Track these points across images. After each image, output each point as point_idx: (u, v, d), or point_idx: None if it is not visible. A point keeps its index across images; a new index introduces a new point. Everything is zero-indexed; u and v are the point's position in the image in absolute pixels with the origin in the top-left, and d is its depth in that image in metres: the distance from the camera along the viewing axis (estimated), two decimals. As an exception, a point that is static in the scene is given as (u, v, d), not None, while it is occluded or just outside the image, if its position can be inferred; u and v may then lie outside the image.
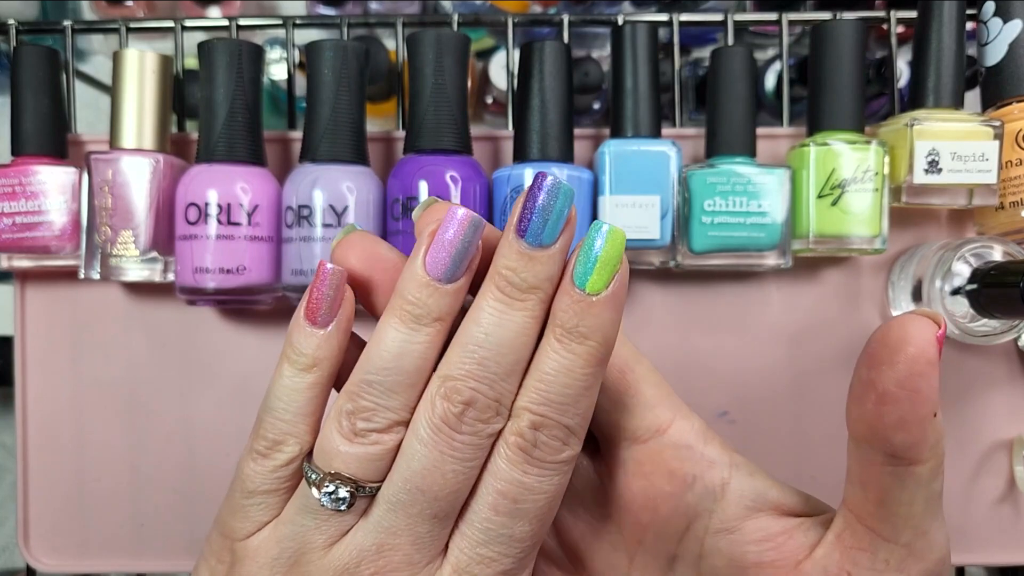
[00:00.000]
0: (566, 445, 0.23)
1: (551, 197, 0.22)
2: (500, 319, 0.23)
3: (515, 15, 0.49)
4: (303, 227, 0.43)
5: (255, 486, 0.24)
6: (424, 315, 0.23)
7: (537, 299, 0.23)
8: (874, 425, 0.22)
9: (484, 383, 0.22)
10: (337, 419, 0.23)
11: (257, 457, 0.24)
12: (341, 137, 0.43)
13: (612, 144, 0.44)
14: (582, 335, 0.22)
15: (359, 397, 0.23)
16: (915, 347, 0.21)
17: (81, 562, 0.49)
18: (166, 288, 0.49)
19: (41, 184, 0.45)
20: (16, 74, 0.45)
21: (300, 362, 0.24)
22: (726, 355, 0.49)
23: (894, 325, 0.21)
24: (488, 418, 0.23)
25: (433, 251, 0.23)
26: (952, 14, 0.44)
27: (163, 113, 0.46)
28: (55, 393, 0.49)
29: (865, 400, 0.22)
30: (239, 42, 0.44)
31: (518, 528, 0.23)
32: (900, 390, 0.21)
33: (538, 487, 0.23)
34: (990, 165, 0.43)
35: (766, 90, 0.74)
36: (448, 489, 0.23)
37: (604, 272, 0.22)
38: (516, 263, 0.22)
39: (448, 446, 0.23)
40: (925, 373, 0.21)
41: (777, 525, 0.25)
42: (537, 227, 0.22)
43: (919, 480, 0.22)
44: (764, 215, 0.44)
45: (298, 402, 0.24)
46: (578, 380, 0.23)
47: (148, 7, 0.85)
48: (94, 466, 0.49)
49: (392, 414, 0.23)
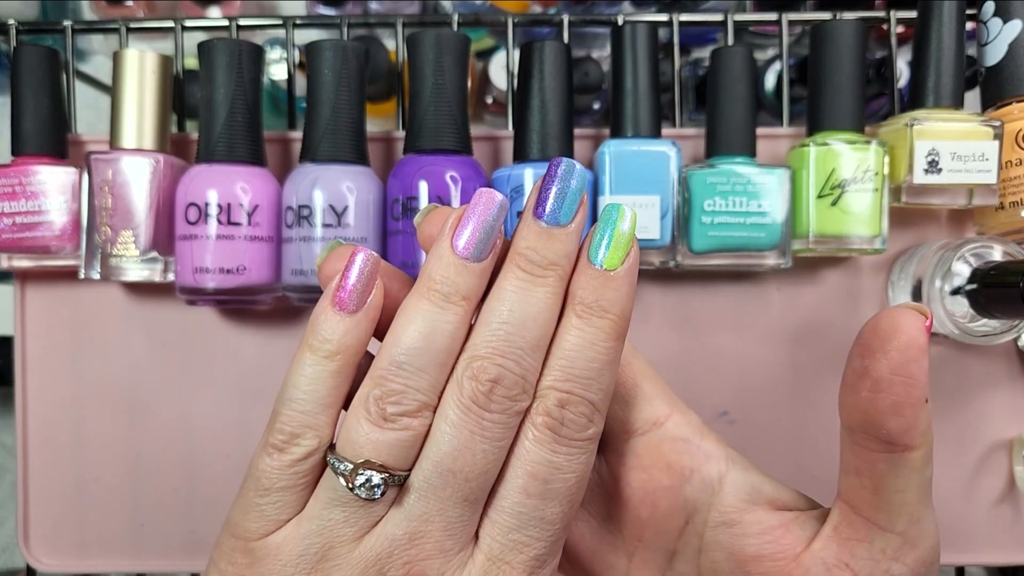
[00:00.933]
0: (591, 422, 0.23)
1: (567, 179, 0.24)
2: (523, 295, 0.23)
3: (515, 15, 0.49)
4: (303, 227, 0.43)
5: (271, 483, 0.24)
6: (453, 293, 0.23)
7: (556, 275, 0.23)
8: (869, 412, 0.23)
9: (511, 359, 0.23)
10: (364, 406, 0.23)
11: (273, 452, 0.24)
12: (341, 137, 0.43)
13: (612, 144, 0.44)
14: (603, 308, 0.23)
15: (387, 380, 0.23)
16: (906, 335, 0.22)
17: (81, 562, 0.49)
18: (166, 288, 0.49)
19: (41, 184, 0.45)
20: (16, 74, 0.45)
21: (324, 349, 0.23)
22: (726, 355, 0.49)
23: (884, 316, 0.22)
24: (516, 395, 0.23)
25: (460, 230, 0.24)
26: (952, 14, 0.44)
27: (163, 113, 0.46)
28: (55, 393, 0.49)
29: (859, 388, 0.23)
30: (239, 42, 0.44)
31: (549, 510, 0.23)
32: (894, 376, 0.22)
33: (567, 466, 0.23)
34: (990, 165, 0.43)
35: (766, 90, 0.74)
36: (479, 469, 0.23)
37: (619, 249, 0.24)
38: (536, 242, 0.23)
39: (478, 425, 0.23)
40: (917, 359, 0.22)
41: (774, 519, 0.26)
42: (555, 207, 0.23)
43: (913, 466, 0.23)
44: (764, 215, 0.44)
45: (319, 392, 0.24)
46: (601, 354, 0.23)
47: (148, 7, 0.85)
48: (94, 466, 0.49)
49: (422, 395, 0.23)
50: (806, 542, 0.25)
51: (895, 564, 0.24)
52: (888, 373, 0.22)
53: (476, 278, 0.23)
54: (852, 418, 0.23)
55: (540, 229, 0.23)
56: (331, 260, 0.25)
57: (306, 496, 0.24)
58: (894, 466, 0.23)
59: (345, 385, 0.24)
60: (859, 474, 0.24)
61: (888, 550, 0.24)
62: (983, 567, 0.67)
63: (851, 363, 0.23)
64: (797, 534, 0.25)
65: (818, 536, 0.25)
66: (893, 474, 0.23)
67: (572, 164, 0.24)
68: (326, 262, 0.25)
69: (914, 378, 0.22)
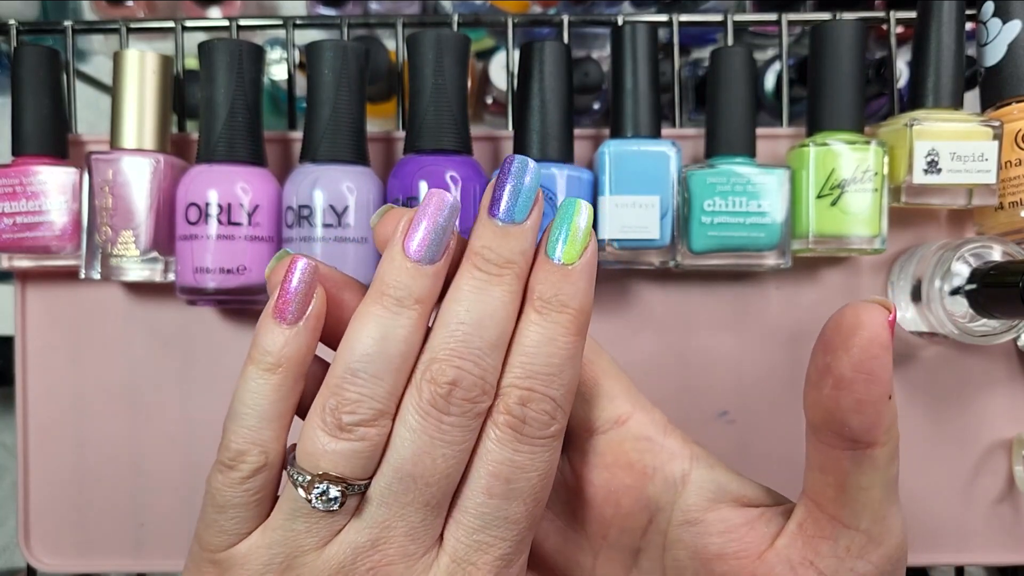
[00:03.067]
0: (554, 419, 0.23)
1: (520, 176, 0.24)
2: (480, 295, 0.23)
3: (515, 15, 0.49)
4: (303, 227, 0.43)
5: (225, 500, 0.24)
6: (406, 297, 0.23)
7: (513, 273, 0.23)
8: (831, 409, 0.22)
9: (469, 360, 0.23)
10: (320, 416, 0.23)
11: (223, 469, 0.24)
12: (341, 137, 0.43)
13: (612, 144, 0.44)
14: (561, 303, 0.23)
15: (342, 389, 0.23)
16: (868, 332, 0.21)
17: (81, 562, 0.49)
18: (166, 288, 0.49)
19: (42, 184, 0.45)
20: (17, 74, 0.45)
21: (265, 362, 0.23)
22: (726, 355, 0.49)
23: (847, 312, 0.22)
24: (475, 397, 0.23)
25: (412, 234, 0.23)
26: (951, 14, 0.44)
27: (163, 113, 0.46)
28: (56, 393, 0.49)
29: (822, 385, 0.23)
30: (239, 42, 0.44)
31: (513, 509, 0.23)
32: (856, 373, 0.22)
33: (530, 464, 0.23)
34: (989, 165, 0.43)
35: (766, 90, 0.74)
36: (439, 474, 0.23)
37: (577, 243, 0.23)
38: (491, 240, 0.23)
39: (437, 429, 0.23)
40: (879, 356, 0.21)
41: (739, 516, 0.26)
42: (509, 205, 0.23)
43: (876, 464, 0.23)
44: (764, 215, 0.44)
45: (262, 406, 0.23)
46: (561, 349, 0.23)
47: (148, 7, 0.85)
48: (94, 466, 0.49)
49: (378, 403, 0.23)
50: (770, 539, 0.25)
51: (860, 562, 0.24)
52: (850, 371, 0.22)
53: (429, 280, 0.23)
54: (815, 415, 0.23)
55: (495, 227, 0.23)
56: (278, 271, 0.24)
57: (265, 507, 0.24)
58: (858, 464, 0.23)
59: (291, 397, 0.24)
60: (823, 471, 0.24)
61: (853, 548, 0.24)
62: (983, 567, 0.67)
63: (814, 360, 0.23)
64: (761, 531, 0.25)
65: (782, 533, 0.25)
66: (857, 472, 0.23)
67: (525, 161, 0.24)
68: (273, 273, 0.25)
69: (876, 375, 0.22)
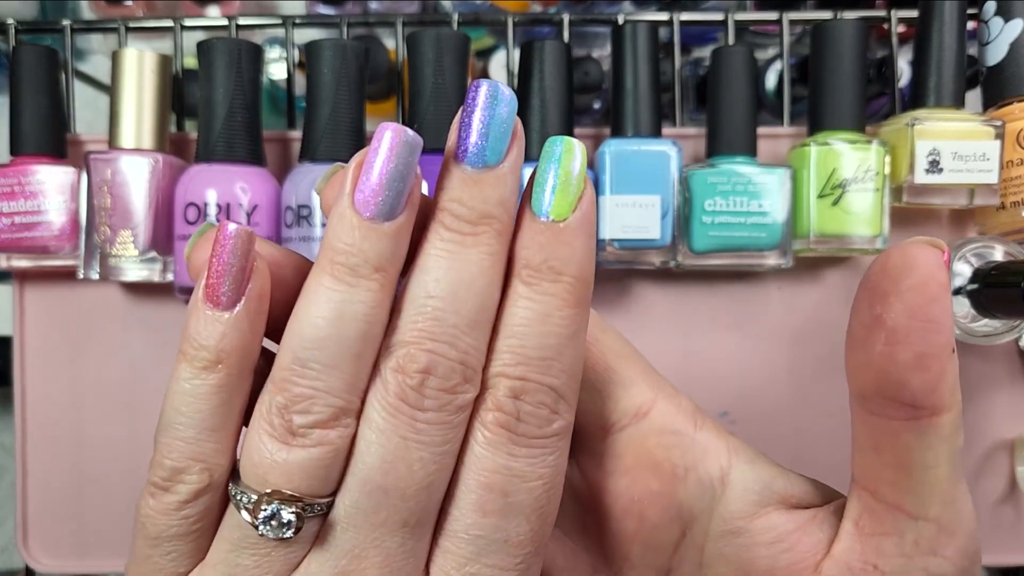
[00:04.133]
0: (556, 413, 0.19)
1: (491, 106, 0.18)
2: (451, 260, 0.18)
3: (515, 14, 0.49)
4: (302, 227, 0.43)
5: (158, 531, 0.19)
6: (361, 264, 0.18)
7: (493, 231, 0.19)
8: (886, 369, 0.18)
9: (443, 341, 0.18)
10: (266, 418, 0.18)
11: (156, 492, 0.19)
12: (341, 137, 0.43)
13: (612, 144, 0.44)
14: (554, 270, 0.19)
15: (290, 384, 0.18)
16: (923, 271, 0.17)
17: (80, 562, 0.49)
18: (165, 288, 0.49)
19: (40, 184, 0.45)
20: (15, 74, 0.45)
21: (200, 358, 0.18)
22: (727, 355, 0.49)
23: (894, 253, 0.18)
24: (454, 386, 0.18)
25: (362, 185, 0.18)
26: (953, 13, 0.44)
27: (162, 113, 0.45)
28: (54, 393, 0.49)
29: (872, 342, 0.18)
30: (238, 41, 0.44)
31: (514, 530, 0.19)
32: (913, 321, 0.17)
33: (530, 472, 0.19)
34: (991, 165, 0.43)
35: (767, 90, 0.74)
36: (417, 484, 0.18)
37: (567, 193, 0.19)
38: (460, 192, 0.19)
39: (410, 428, 0.18)
40: (939, 299, 0.17)
41: (788, 521, 0.21)
42: (479, 144, 0.18)
43: (941, 433, 0.18)
44: (765, 215, 0.44)
45: (201, 412, 0.19)
46: (558, 327, 0.19)
47: (147, 6, 0.85)
48: (93, 466, 0.49)
49: (335, 399, 0.18)
50: (826, 545, 0.21)
51: (933, 559, 0.19)
52: (906, 318, 0.17)
53: (389, 242, 0.18)
54: (865, 381, 0.19)
55: (464, 175, 0.19)
56: (200, 247, 0.19)
57: (207, 540, 0.20)
58: (921, 435, 0.18)
59: (235, 399, 0.19)
60: (878, 451, 0.19)
61: (922, 542, 0.19)
62: (984, 568, 0.67)
63: (858, 315, 0.19)
64: (816, 537, 0.21)
65: (839, 536, 0.20)
66: (921, 446, 0.18)
67: (496, 86, 0.18)
68: (195, 250, 0.19)
69: (937, 322, 0.17)
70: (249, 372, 0.19)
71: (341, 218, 0.18)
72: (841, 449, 0.50)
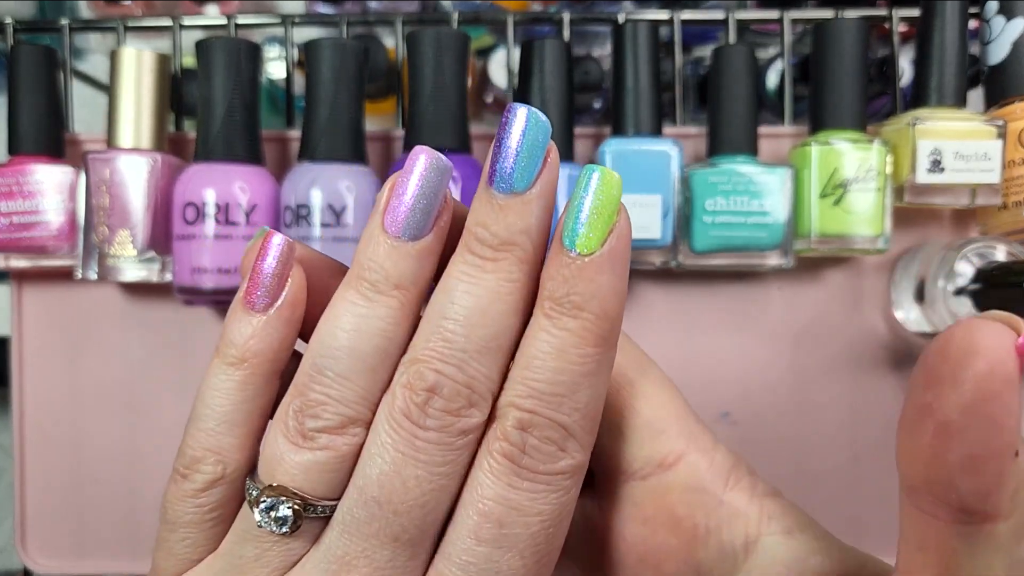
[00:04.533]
0: (563, 451, 0.19)
1: (521, 131, 0.18)
2: (469, 284, 0.18)
3: (515, 13, 0.49)
4: (301, 227, 0.43)
5: (175, 516, 0.20)
6: (381, 281, 0.19)
7: (514, 258, 0.18)
8: (933, 466, 0.16)
9: (452, 363, 0.18)
10: (283, 419, 0.19)
11: (177, 479, 0.20)
12: (340, 136, 0.43)
13: (613, 143, 0.44)
14: (575, 305, 0.18)
15: (308, 389, 0.19)
16: (986, 360, 0.15)
17: (78, 563, 0.49)
18: (164, 288, 0.48)
19: (38, 183, 0.44)
20: (13, 73, 0.45)
21: (229, 355, 0.20)
22: (728, 355, 0.48)
23: (957, 332, 0.15)
24: (458, 408, 0.18)
25: (392, 205, 0.19)
26: (955, 12, 0.44)
27: (161, 112, 0.45)
28: (52, 394, 0.49)
29: (920, 432, 0.16)
30: (237, 41, 0.44)
31: (505, 562, 0.18)
32: (967, 418, 0.15)
33: (529, 507, 0.18)
34: (993, 164, 0.43)
35: (768, 89, 0.74)
36: (411, 501, 0.18)
37: (597, 226, 0.18)
38: (486, 216, 0.19)
39: (409, 445, 0.18)
40: (1001, 394, 0.15)
41: None
42: (506, 169, 0.18)
43: (996, 543, 0.16)
44: (766, 215, 0.43)
45: (223, 407, 0.20)
46: (573, 363, 0.18)
47: (146, 6, 0.85)
48: (91, 466, 0.49)
49: (346, 408, 0.19)
50: None
51: None
52: (959, 413, 0.15)
53: (412, 262, 0.19)
54: (912, 472, 0.17)
55: (491, 200, 0.18)
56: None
57: (222, 530, 0.20)
58: (969, 542, 0.16)
59: (259, 398, 0.20)
60: (923, 550, 0.17)
61: None
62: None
63: (912, 395, 0.16)
64: None
65: None
66: (968, 553, 0.16)
67: (529, 111, 0.18)
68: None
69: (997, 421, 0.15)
70: (275, 375, 0.20)
71: (371, 236, 0.19)
72: (841, 449, 0.50)
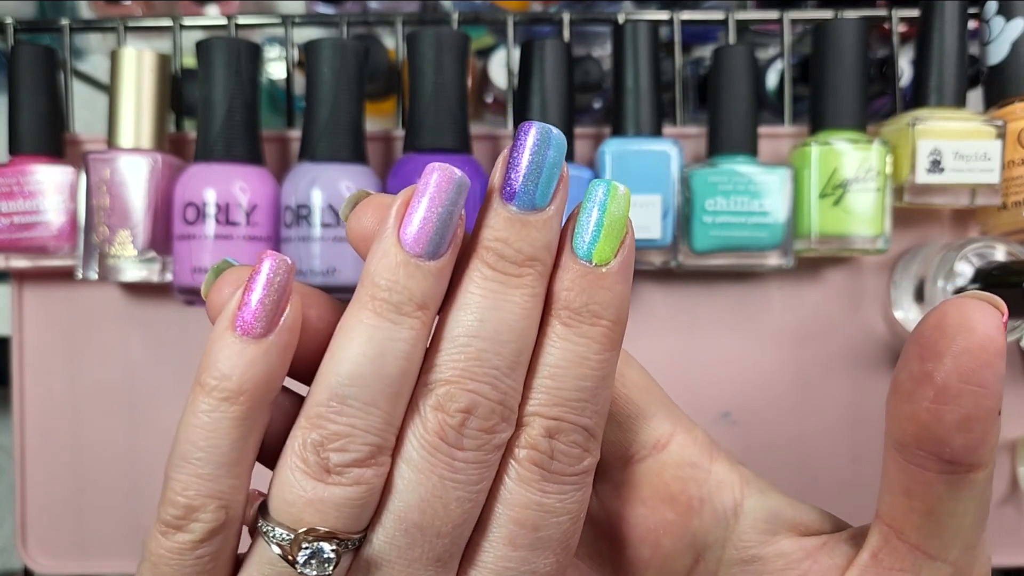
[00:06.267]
0: (586, 452, 0.19)
1: (541, 148, 0.19)
2: (495, 301, 0.18)
3: (515, 13, 0.49)
4: (302, 227, 0.43)
5: (171, 571, 0.18)
6: (405, 302, 0.18)
7: (536, 273, 0.19)
8: (929, 425, 0.18)
9: (485, 382, 0.18)
10: (300, 455, 0.18)
11: (168, 532, 0.18)
12: (340, 136, 0.43)
13: (613, 143, 0.44)
14: (594, 314, 0.19)
15: (328, 420, 0.18)
16: (980, 334, 0.17)
17: (79, 563, 0.49)
18: (164, 288, 0.48)
19: (38, 183, 0.44)
20: (13, 73, 0.45)
21: (223, 388, 0.18)
22: (728, 355, 0.48)
23: (950, 311, 0.18)
24: (493, 426, 0.18)
25: (409, 220, 0.18)
26: (954, 13, 0.44)
27: (161, 112, 0.45)
28: (53, 394, 0.49)
29: (918, 397, 0.18)
30: (237, 41, 0.44)
31: (542, 562, 0.19)
32: (964, 384, 0.18)
33: (560, 508, 0.19)
34: (993, 164, 0.43)
35: (768, 89, 0.74)
36: (452, 523, 0.19)
37: (611, 238, 0.19)
38: (507, 232, 0.19)
39: (449, 468, 0.18)
40: (992, 364, 0.17)
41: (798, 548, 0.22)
42: (528, 186, 0.19)
43: (975, 488, 0.19)
44: (766, 215, 0.43)
45: (221, 447, 0.18)
46: (594, 370, 0.19)
47: (146, 6, 0.85)
48: (92, 467, 0.49)
49: (374, 437, 0.18)
50: (838, 572, 0.21)
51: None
52: (957, 380, 0.18)
53: (433, 280, 0.18)
54: (905, 431, 0.19)
55: (511, 215, 0.19)
56: (221, 286, 0.19)
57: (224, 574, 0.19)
58: (954, 488, 0.19)
59: (255, 434, 0.19)
60: (909, 496, 0.20)
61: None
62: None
63: (907, 366, 0.18)
64: (825, 564, 0.21)
65: (853, 564, 0.21)
66: (952, 497, 0.19)
67: (547, 129, 0.19)
68: (214, 289, 0.19)
69: (987, 387, 0.18)
70: (269, 406, 0.19)
71: (385, 254, 0.18)
72: (841, 448, 0.50)
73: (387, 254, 0.18)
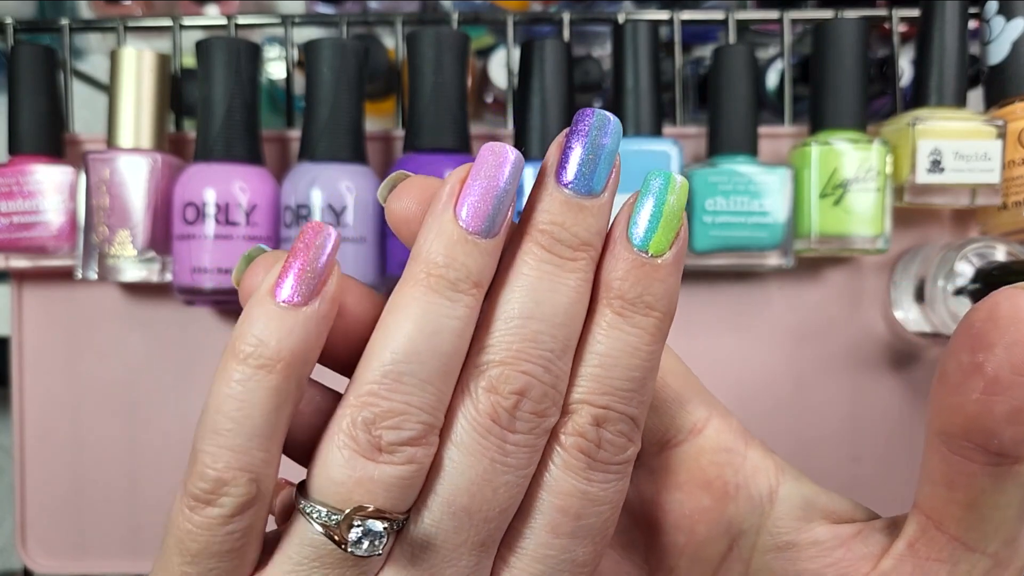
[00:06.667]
0: (631, 442, 0.19)
1: (600, 135, 0.19)
2: (549, 283, 0.18)
3: (515, 13, 0.49)
4: (302, 227, 0.43)
5: (200, 547, 0.18)
6: (463, 279, 0.18)
7: (589, 258, 0.19)
8: (978, 417, 0.18)
9: (539, 364, 0.18)
10: (348, 433, 0.18)
11: (197, 507, 0.18)
12: (340, 136, 0.43)
13: (613, 143, 0.44)
14: (648, 306, 0.19)
15: (381, 398, 0.17)
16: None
17: (78, 563, 0.49)
18: (164, 288, 0.48)
19: (38, 183, 0.44)
20: (13, 73, 0.45)
21: (258, 355, 0.17)
22: (728, 355, 0.48)
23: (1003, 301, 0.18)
24: (544, 409, 0.18)
25: (467, 197, 0.18)
26: (955, 13, 0.44)
27: (161, 112, 0.45)
28: (52, 394, 0.49)
29: (967, 389, 0.18)
30: (237, 41, 0.44)
31: (582, 550, 0.19)
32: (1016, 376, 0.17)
33: (603, 496, 0.19)
34: (993, 164, 0.43)
35: (768, 89, 0.74)
36: (499, 507, 0.18)
37: (668, 229, 0.19)
38: (563, 216, 0.19)
39: (500, 451, 0.18)
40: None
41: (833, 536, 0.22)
42: (585, 172, 0.19)
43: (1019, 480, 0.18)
44: (766, 215, 0.43)
45: (253, 418, 0.17)
46: (644, 360, 0.19)
47: (146, 6, 0.85)
48: (91, 467, 0.49)
49: (428, 416, 0.18)
50: (872, 561, 0.21)
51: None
52: (1009, 371, 0.17)
53: (488, 259, 0.18)
54: (951, 423, 0.18)
55: (566, 199, 0.19)
56: (256, 270, 0.19)
57: (251, 556, 0.19)
58: (999, 480, 0.18)
59: (289, 407, 0.18)
60: (950, 487, 0.19)
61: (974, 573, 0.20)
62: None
63: (955, 356, 0.18)
64: (860, 552, 0.21)
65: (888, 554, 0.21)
66: (996, 489, 0.19)
67: (605, 116, 0.19)
68: (247, 275, 0.19)
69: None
70: (305, 382, 0.18)
71: (441, 231, 0.18)
72: (841, 448, 0.50)
73: (443, 231, 0.18)
